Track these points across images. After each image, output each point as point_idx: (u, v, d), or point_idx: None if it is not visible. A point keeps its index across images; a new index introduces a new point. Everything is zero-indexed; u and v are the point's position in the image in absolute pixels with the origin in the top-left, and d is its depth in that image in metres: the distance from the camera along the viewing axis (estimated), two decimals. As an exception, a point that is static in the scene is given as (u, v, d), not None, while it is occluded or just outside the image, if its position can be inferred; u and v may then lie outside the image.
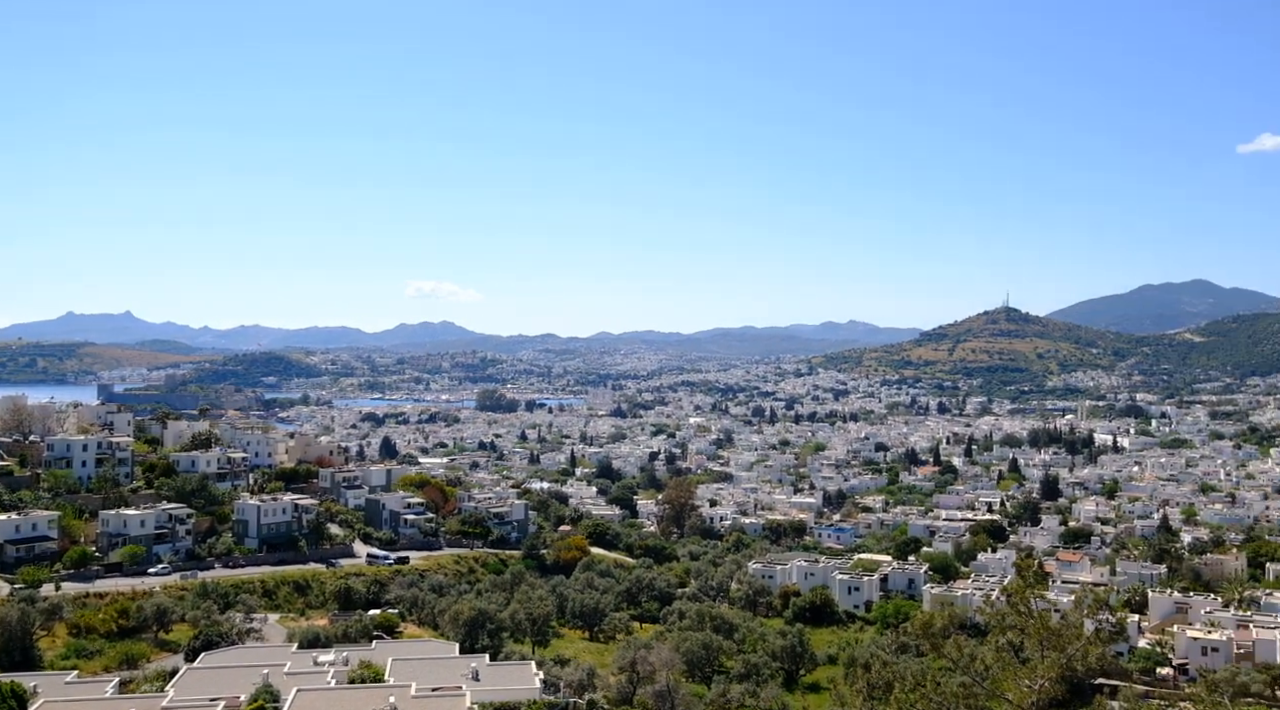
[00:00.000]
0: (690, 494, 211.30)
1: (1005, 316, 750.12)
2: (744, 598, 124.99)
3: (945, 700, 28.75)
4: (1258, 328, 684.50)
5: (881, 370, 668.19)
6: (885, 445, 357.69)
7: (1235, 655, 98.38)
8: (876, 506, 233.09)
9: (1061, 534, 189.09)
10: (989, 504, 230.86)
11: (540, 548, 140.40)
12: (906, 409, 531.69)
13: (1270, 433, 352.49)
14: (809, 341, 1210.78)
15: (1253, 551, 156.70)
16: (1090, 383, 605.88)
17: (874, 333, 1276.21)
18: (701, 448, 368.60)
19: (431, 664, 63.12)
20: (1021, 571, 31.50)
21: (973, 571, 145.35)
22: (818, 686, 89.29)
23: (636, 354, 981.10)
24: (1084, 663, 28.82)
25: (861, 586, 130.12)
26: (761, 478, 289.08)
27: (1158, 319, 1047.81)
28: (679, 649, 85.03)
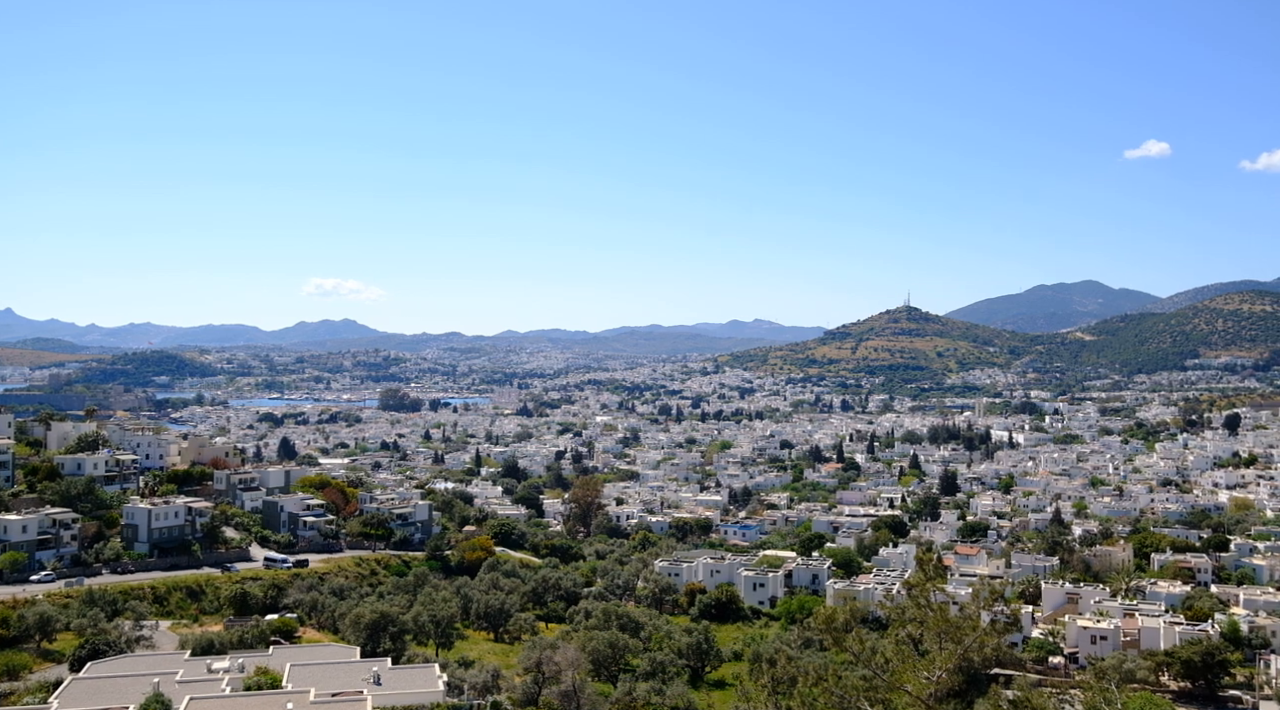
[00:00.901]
0: (597, 493, 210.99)
1: (907, 316, 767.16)
2: (650, 596, 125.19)
3: (847, 693, 28.97)
4: (1144, 327, 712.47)
5: (787, 369, 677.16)
6: (790, 443, 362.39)
7: (1122, 643, 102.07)
8: (781, 503, 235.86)
9: (960, 528, 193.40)
10: (890, 500, 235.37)
11: (444, 549, 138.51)
12: (811, 407, 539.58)
13: (1155, 428, 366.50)
14: (715, 340, 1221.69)
15: (1139, 543, 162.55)
16: (987, 380, 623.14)
17: (779, 331, 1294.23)
18: (608, 446, 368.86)
19: (332, 669, 61.73)
20: (921, 565, 31.89)
21: (875, 566, 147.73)
22: (723, 683, 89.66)
23: (543, 352, 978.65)
24: (980, 654, 29.29)
25: (766, 583, 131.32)
26: (668, 476, 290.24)
27: (1051, 318, 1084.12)
28: (585, 648, 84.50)
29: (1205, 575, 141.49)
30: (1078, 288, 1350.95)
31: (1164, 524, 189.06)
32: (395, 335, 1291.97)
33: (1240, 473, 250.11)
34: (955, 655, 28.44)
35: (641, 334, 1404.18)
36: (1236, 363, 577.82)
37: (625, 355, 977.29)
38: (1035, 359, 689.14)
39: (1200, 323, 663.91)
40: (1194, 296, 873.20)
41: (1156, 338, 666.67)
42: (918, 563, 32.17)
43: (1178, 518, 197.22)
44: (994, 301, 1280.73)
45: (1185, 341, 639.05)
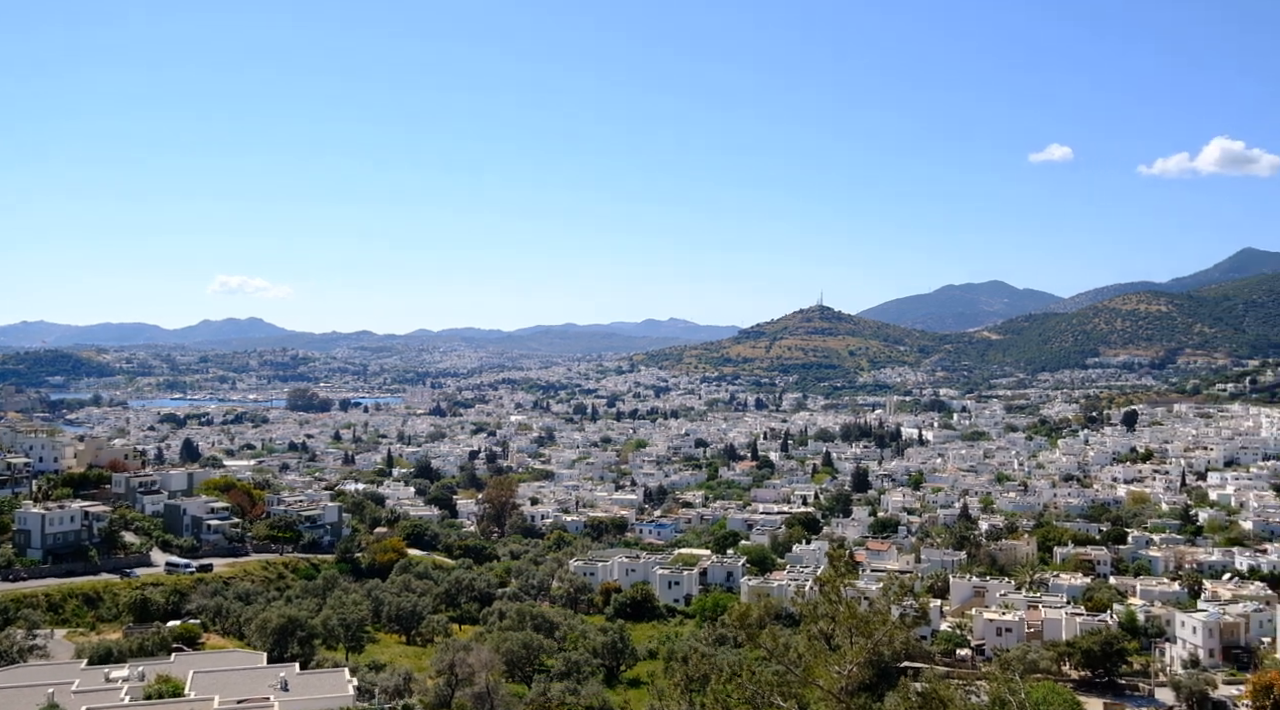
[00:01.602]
0: (511, 493, 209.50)
1: (820, 315, 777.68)
2: (565, 595, 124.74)
3: (760, 689, 29.00)
4: (1047, 326, 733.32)
5: (702, 367, 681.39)
6: (705, 441, 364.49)
7: (1026, 634, 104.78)
8: (696, 502, 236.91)
9: (871, 524, 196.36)
10: (804, 497, 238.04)
11: (355, 551, 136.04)
12: (726, 405, 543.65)
13: (1058, 425, 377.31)
14: (631, 339, 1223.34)
15: (1042, 536, 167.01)
16: (898, 378, 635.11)
17: (694, 330, 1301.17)
18: (523, 446, 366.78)
19: (237, 675, 59.96)
20: (833, 562, 32.05)
21: (788, 563, 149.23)
22: (638, 681, 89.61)
23: (456, 351, 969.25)
24: (890, 647, 29.60)
25: (681, 581, 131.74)
26: (583, 475, 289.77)
27: (959, 317, 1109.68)
28: (499, 649, 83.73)
29: (1104, 567, 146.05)
30: (985, 288, 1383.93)
31: (1066, 518, 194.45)
32: (304, 334, 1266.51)
33: (1137, 468, 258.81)
34: (866, 649, 28.66)
35: (556, 333, 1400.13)
36: (1134, 361, 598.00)
37: (540, 354, 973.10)
38: (944, 358, 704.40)
39: (1100, 322, 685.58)
40: (1094, 297, 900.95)
41: (1059, 337, 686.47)
42: (829, 559, 32.41)
43: (1079, 512, 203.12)
44: (904, 301, 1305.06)
45: (1086, 341, 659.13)
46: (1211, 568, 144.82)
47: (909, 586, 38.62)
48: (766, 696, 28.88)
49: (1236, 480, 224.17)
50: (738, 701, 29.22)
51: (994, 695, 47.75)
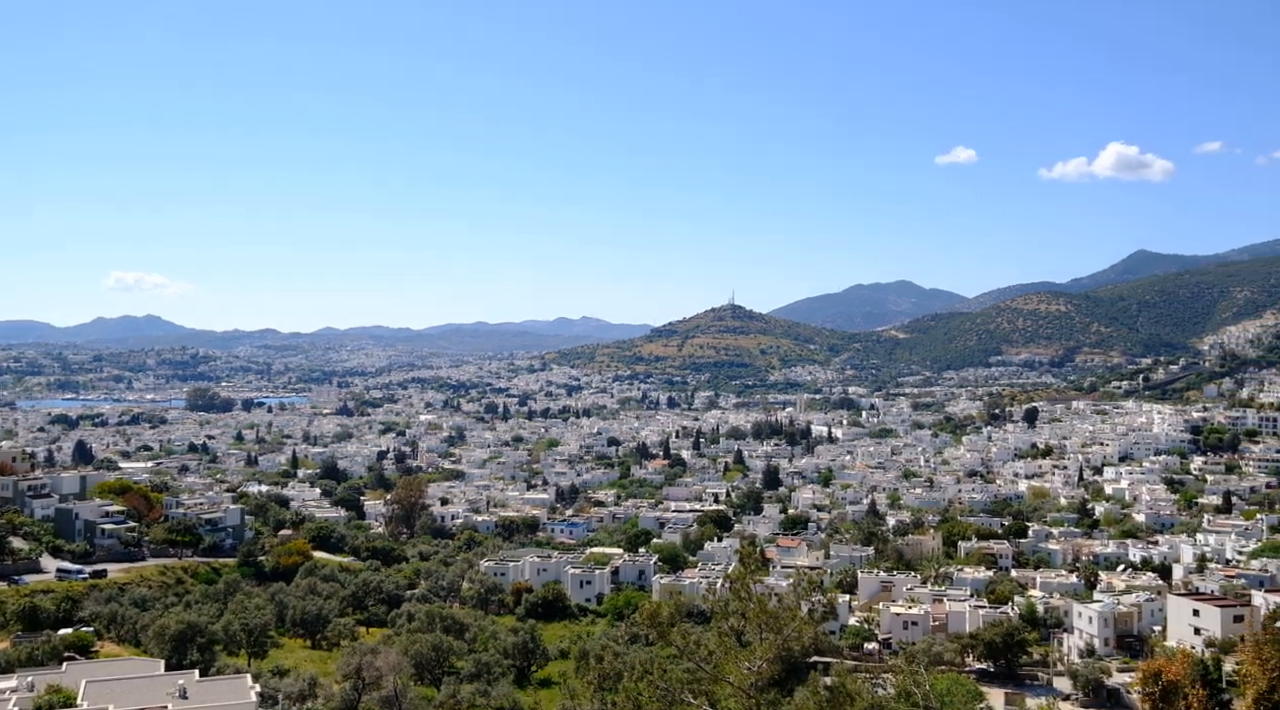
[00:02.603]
0: (421, 493, 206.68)
1: (731, 314, 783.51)
2: (476, 596, 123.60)
3: (671, 686, 28.84)
4: (952, 325, 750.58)
5: (614, 366, 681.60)
6: (617, 440, 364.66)
7: (931, 627, 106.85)
8: (609, 501, 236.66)
9: (781, 521, 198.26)
10: (716, 495, 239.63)
11: (258, 554, 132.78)
12: (638, 404, 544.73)
13: (962, 422, 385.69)
14: (543, 338, 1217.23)
15: (947, 531, 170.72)
16: (808, 377, 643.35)
17: (607, 329, 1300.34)
18: (433, 446, 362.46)
19: (132, 684, 57.77)
20: (744, 559, 32.05)
21: (700, 561, 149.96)
22: (550, 681, 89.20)
23: (364, 350, 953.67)
24: (800, 643, 29.61)
25: (593, 580, 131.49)
26: (494, 475, 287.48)
27: (868, 316, 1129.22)
28: (407, 652, 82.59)
29: (1006, 560, 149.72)
30: (892, 288, 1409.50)
31: (970, 513, 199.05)
32: (204, 332, 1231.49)
33: (1038, 463, 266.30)
34: (775, 645, 28.73)
35: (467, 331, 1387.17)
36: (1035, 359, 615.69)
37: (451, 353, 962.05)
38: (853, 356, 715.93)
39: (1003, 322, 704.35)
40: (997, 297, 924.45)
41: (964, 336, 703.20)
42: (740, 556, 32.44)
43: (982, 507, 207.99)
44: (815, 300, 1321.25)
45: (990, 339, 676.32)
46: (1107, 559, 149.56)
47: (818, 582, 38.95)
48: (677, 694, 28.77)
49: (1130, 475, 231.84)
50: (649, 700, 29.06)
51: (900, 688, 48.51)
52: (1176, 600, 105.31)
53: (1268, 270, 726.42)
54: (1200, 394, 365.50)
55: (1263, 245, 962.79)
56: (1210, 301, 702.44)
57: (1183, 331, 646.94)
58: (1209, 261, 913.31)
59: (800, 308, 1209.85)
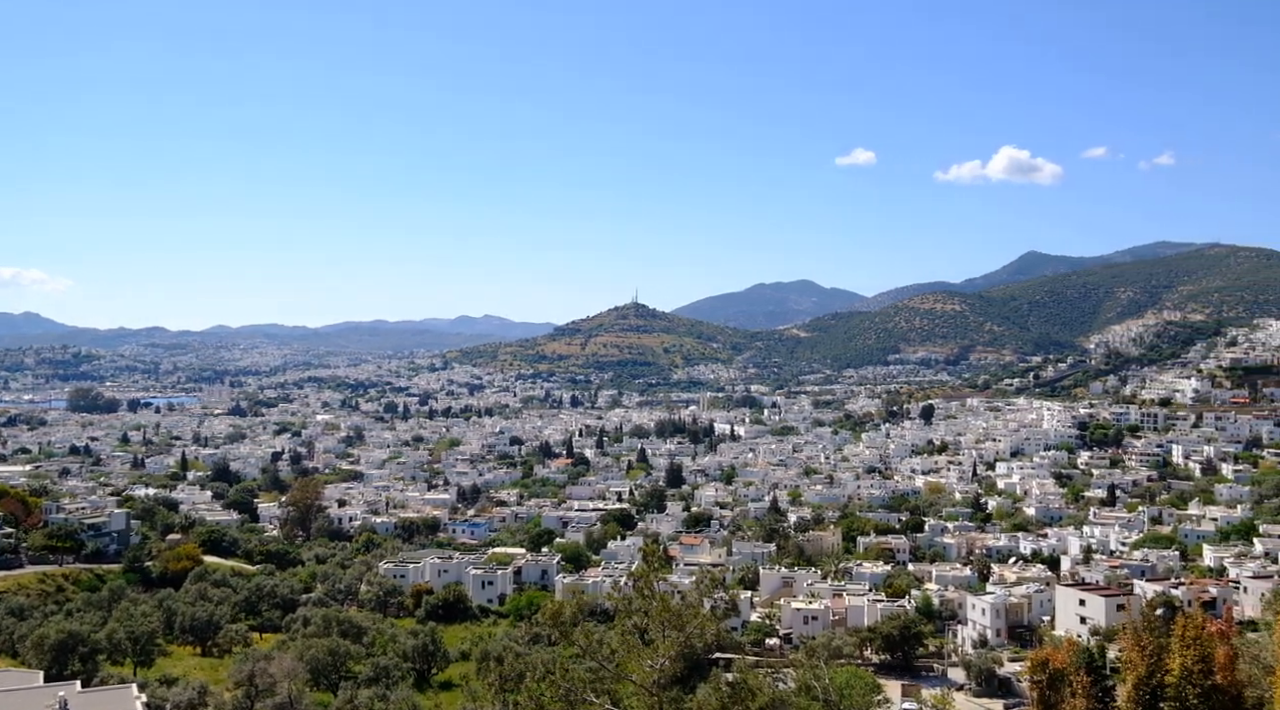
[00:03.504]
0: (317, 494, 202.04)
1: (635, 312, 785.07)
2: (375, 599, 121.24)
3: (573, 686, 28.62)
4: (852, 324, 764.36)
5: (517, 365, 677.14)
6: (520, 439, 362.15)
7: (831, 622, 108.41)
8: (511, 500, 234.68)
9: (685, 519, 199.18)
10: (619, 493, 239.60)
11: (145, 559, 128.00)
12: (541, 403, 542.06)
13: (861, 419, 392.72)
14: (444, 336, 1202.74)
15: (847, 527, 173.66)
16: (711, 375, 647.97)
17: (509, 328, 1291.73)
18: (330, 446, 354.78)
19: (8, 697, 54.73)
20: (647, 557, 31.88)
21: (603, 559, 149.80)
22: (451, 684, 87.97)
23: (258, 349, 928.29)
24: (702, 640, 29.66)
25: (496, 580, 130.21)
26: (394, 475, 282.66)
27: (770, 315, 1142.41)
28: (302, 657, 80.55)
29: (903, 555, 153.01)
30: (794, 287, 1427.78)
31: (868, 508, 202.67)
32: (88, 330, 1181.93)
33: (934, 459, 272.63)
34: (678, 642, 28.74)
35: (366, 330, 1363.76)
36: (931, 358, 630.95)
37: (349, 351, 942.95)
38: (755, 354, 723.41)
39: (900, 321, 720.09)
40: (895, 296, 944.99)
41: (863, 334, 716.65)
42: (643, 555, 32.35)
43: (880, 502, 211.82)
44: (717, 299, 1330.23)
45: (888, 338, 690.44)
46: (999, 552, 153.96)
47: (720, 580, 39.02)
48: (580, 694, 28.56)
49: (1021, 469, 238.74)
50: (551, 700, 28.76)
51: (800, 682, 48.99)
52: (1064, 591, 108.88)
53: (1149, 271, 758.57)
54: (1087, 391, 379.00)
55: (1145, 247, 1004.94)
56: (1096, 301, 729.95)
57: (1071, 330, 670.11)
58: (1095, 263, 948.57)
59: (703, 306, 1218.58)
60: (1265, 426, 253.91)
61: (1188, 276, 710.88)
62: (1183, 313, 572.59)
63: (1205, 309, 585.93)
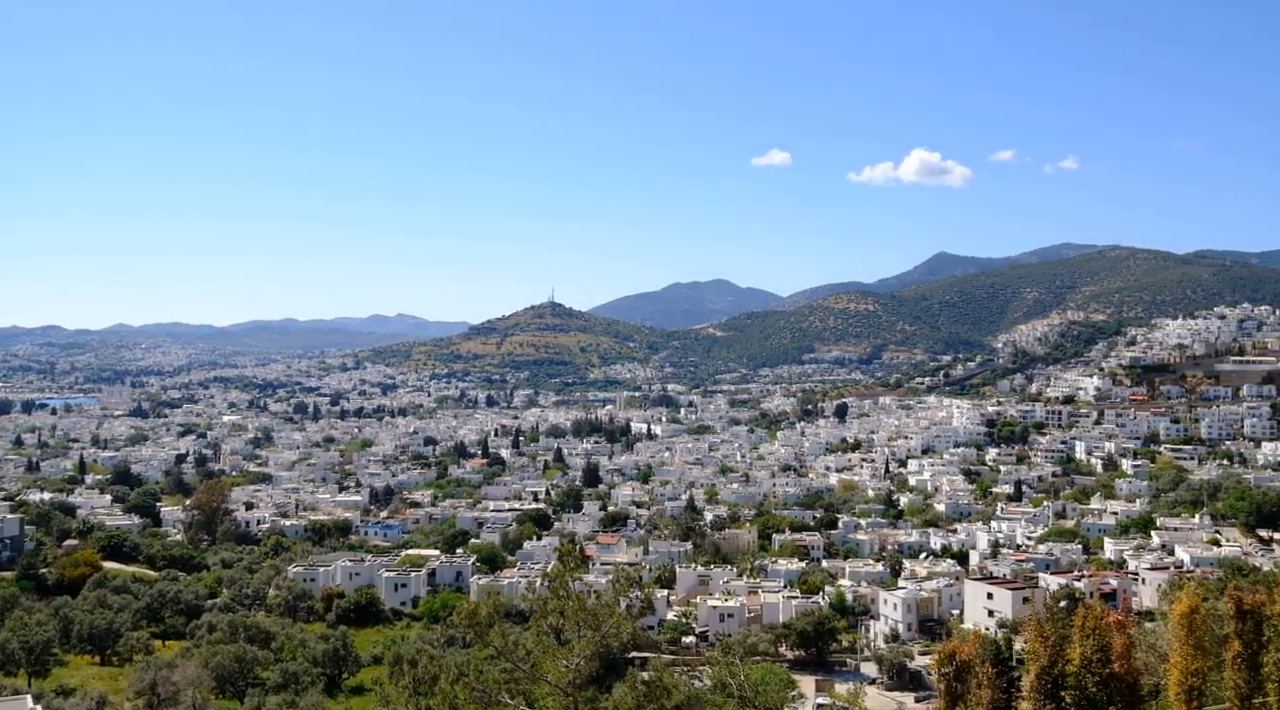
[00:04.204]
0: (223, 497, 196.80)
1: (551, 311, 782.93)
2: (284, 604, 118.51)
3: (488, 688, 28.26)
4: (767, 324, 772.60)
5: (431, 364, 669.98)
6: (434, 439, 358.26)
7: (747, 619, 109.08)
8: (425, 501, 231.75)
9: (601, 519, 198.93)
10: (535, 493, 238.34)
11: (40, 566, 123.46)
12: (456, 403, 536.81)
13: (777, 418, 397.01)
14: (356, 335, 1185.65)
15: (762, 525, 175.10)
16: (628, 374, 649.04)
17: (424, 327, 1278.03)
18: (237, 448, 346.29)
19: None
20: (563, 557, 31.56)
21: (519, 560, 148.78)
22: (362, 688, 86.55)
23: (161, 348, 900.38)
24: (618, 639, 29.57)
25: (409, 582, 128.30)
26: (304, 477, 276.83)
27: (686, 315, 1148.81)
28: (207, 664, 78.51)
29: (818, 552, 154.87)
30: (710, 286, 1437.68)
31: (784, 506, 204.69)
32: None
33: (847, 457, 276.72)
34: (594, 642, 28.58)
35: (275, 328, 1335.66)
36: (845, 357, 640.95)
37: (257, 351, 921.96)
38: (672, 354, 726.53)
39: (815, 320, 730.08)
40: (810, 296, 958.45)
41: (779, 334, 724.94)
42: (559, 555, 32.04)
43: (795, 500, 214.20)
44: (634, 298, 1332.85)
45: (803, 337, 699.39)
46: (911, 548, 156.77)
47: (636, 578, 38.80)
48: (494, 695, 28.22)
49: (932, 466, 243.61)
50: (465, 702, 28.34)
51: (716, 679, 49.01)
52: (972, 584, 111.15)
53: (1054, 272, 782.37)
54: (995, 389, 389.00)
55: (1049, 249, 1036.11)
56: (1004, 302, 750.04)
57: (979, 330, 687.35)
58: (1003, 264, 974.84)
59: (620, 305, 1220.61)
60: (1162, 423, 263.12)
61: (1090, 277, 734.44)
62: (1085, 313, 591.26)
63: (1107, 309, 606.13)
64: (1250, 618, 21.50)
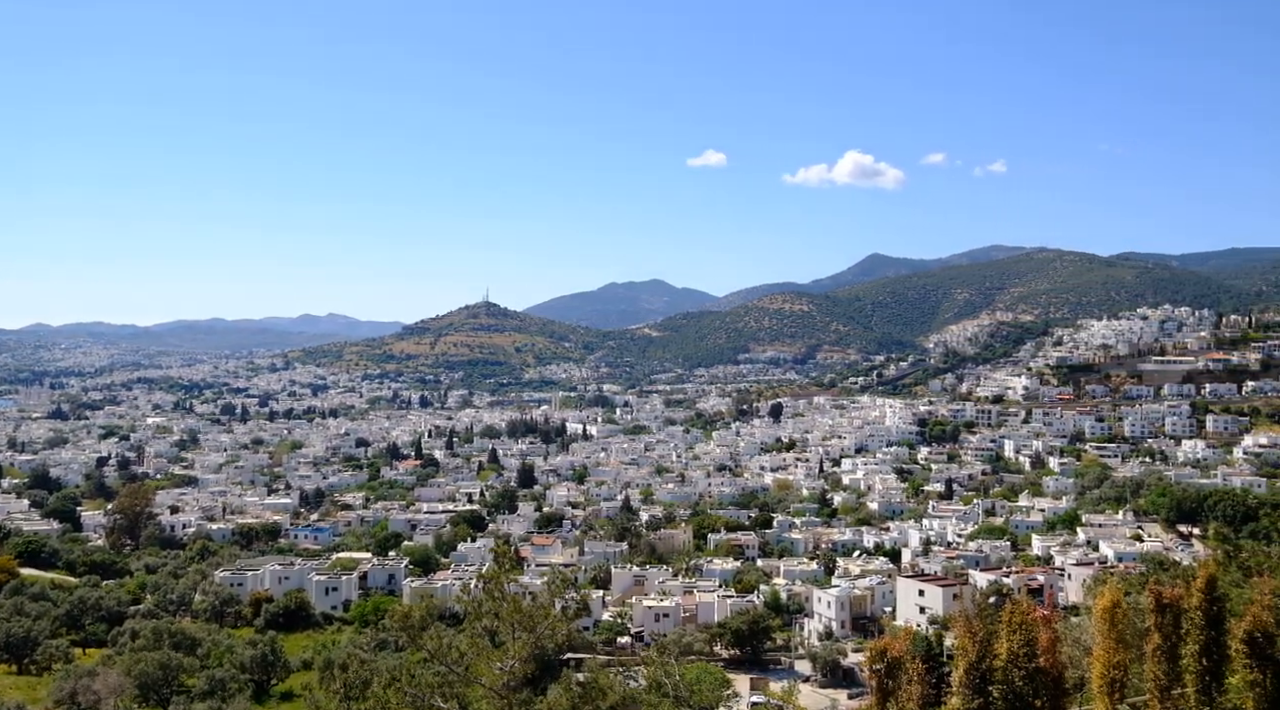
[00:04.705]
0: (147, 501, 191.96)
1: (486, 311, 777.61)
2: (210, 609, 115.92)
3: (421, 691, 27.97)
4: (703, 324, 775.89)
5: (363, 365, 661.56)
6: (366, 441, 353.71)
7: (682, 619, 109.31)
8: (357, 503, 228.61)
9: (536, 519, 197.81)
10: (469, 495, 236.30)
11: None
12: (389, 403, 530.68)
13: (712, 418, 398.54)
14: (286, 335, 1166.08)
15: (698, 524, 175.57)
16: (564, 374, 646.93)
17: (355, 326, 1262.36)
18: (162, 450, 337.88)
19: None
20: (498, 558, 31.33)
21: (453, 562, 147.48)
22: (292, 694, 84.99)
23: (82, 348, 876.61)
24: (553, 640, 29.48)
25: (340, 586, 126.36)
26: (232, 480, 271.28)
27: (622, 315, 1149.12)
28: (130, 672, 76.51)
29: (753, 551, 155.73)
30: (646, 286, 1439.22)
31: (719, 506, 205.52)
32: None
33: (782, 456, 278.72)
34: (529, 644, 28.46)
35: (202, 328, 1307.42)
36: (780, 357, 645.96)
37: (183, 351, 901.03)
38: (608, 354, 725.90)
39: (750, 320, 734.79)
40: (745, 296, 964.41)
41: (714, 334, 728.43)
42: (494, 555, 31.85)
43: (731, 499, 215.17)
44: (570, 298, 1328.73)
45: (738, 337, 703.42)
46: (844, 546, 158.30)
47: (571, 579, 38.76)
48: (428, 699, 27.95)
49: (865, 465, 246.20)
50: (398, 706, 28.02)
51: (651, 679, 48.90)
52: (905, 582, 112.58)
53: (983, 274, 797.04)
54: (926, 389, 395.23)
55: (979, 251, 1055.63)
56: (935, 302, 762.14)
57: (912, 330, 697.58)
58: (934, 265, 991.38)
59: (556, 305, 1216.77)
60: (1087, 422, 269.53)
61: (1018, 279, 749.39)
62: (1014, 314, 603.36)
63: (1034, 310, 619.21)
64: (1169, 611, 22.02)
